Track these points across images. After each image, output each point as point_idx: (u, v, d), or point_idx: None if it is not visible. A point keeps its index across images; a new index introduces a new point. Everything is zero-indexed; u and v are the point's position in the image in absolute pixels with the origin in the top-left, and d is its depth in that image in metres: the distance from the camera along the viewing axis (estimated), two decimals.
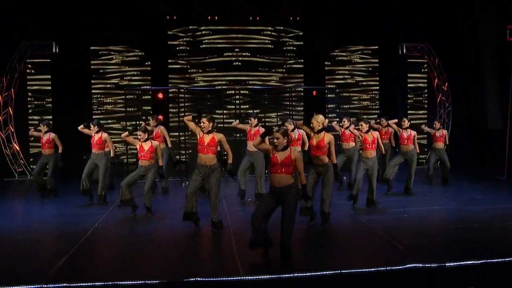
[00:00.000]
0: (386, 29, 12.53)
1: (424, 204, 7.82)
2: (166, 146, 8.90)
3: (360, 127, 7.46)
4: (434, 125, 9.40)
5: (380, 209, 7.39)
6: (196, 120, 6.25)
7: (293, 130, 7.75)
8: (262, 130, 7.66)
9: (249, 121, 8.12)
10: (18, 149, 11.29)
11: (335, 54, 13.09)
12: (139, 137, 7.05)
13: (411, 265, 4.75)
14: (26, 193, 9.38)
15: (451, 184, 9.53)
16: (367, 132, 7.34)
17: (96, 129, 8.02)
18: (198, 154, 6.02)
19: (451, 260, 4.80)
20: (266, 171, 7.67)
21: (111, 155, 8.03)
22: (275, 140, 4.94)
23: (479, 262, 4.82)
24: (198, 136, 6.03)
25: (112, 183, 9.26)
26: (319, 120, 6.17)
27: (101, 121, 8.56)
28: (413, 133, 8.57)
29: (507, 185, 9.70)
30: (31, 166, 11.27)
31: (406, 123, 8.64)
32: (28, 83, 11.45)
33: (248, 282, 4.43)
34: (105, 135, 8.09)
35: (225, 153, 6.31)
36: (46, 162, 8.52)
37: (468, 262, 4.81)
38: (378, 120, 10.04)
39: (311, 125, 6.22)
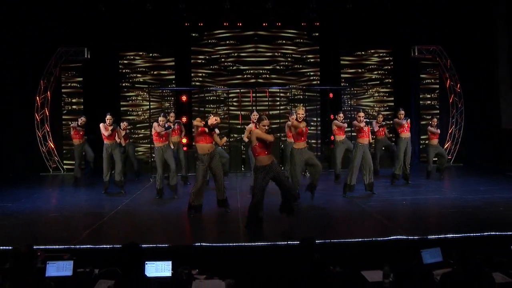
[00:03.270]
0: (400, 32, 12.96)
1: (425, 194, 8.27)
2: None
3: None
4: (432, 123, 9.84)
5: (382, 197, 7.88)
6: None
7: None
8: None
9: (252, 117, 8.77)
10: (53, 147, 12.27)
11: (350, 57, 13.59)
12: (160, 123, 7.94)
13: (395, 236, 5.29)
14: (60, 184, 10.30)
15: (457, 178, 9.91)
16: None
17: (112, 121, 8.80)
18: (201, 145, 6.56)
19: (434, 234, 5.30)
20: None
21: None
22: (266, 127, 5.69)
23: (459, 235, 5.31)
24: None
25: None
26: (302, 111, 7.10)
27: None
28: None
29: None
30: (64, 162, 12.26)
31: (402, 114, 9.19)
32: (62, 85, 12.46)
33: (247, 247, 5.06)
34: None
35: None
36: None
37: (449, 236, 5.30)
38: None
39: (298, 116, 7.04)
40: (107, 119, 8.65)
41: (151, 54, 13.18)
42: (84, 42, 12.08)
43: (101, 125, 8.66)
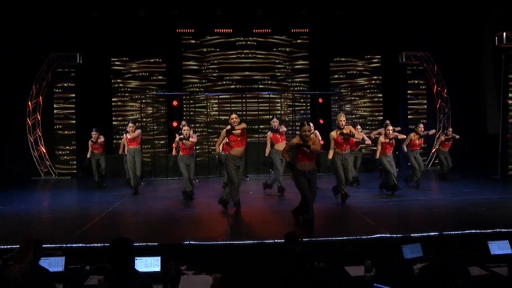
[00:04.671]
0: (389, 38, 13.23)
1: (411, 196, 8.42)
2: None
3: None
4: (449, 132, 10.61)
5: (369, 199, 8.07)
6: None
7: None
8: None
9: (272, 124, 8.98)
10: (44, 151, 12.33)
11: (339, 63, 13.82)
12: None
13: (379, 235, 5.46)
14: (52, 188, 10.37)
15: (444, 181, 10.12)
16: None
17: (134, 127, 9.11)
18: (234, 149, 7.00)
19: (417, 232, 5.47)
20: None
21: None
22: (307, 133, 5.94)
23: (440, 233, 5.46)
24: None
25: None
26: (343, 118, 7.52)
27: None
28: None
29: (498, 183, 10.19)
30: (56, 166, 12.31)
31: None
32: (54, 90, 12.53)
33: (233, 245, 5.20)
34: (139, 131, 9.19)
35: None
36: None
37: (431, 233, 5.47)
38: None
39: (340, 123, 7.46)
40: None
41: (143, 60, 13.33)
42: (76, 48, 12.19)
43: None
